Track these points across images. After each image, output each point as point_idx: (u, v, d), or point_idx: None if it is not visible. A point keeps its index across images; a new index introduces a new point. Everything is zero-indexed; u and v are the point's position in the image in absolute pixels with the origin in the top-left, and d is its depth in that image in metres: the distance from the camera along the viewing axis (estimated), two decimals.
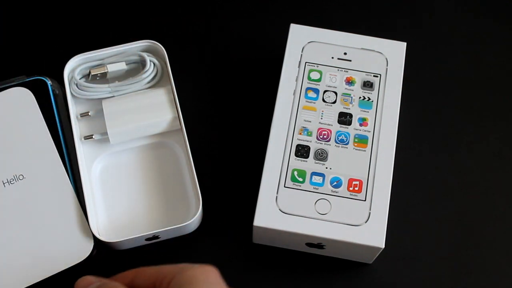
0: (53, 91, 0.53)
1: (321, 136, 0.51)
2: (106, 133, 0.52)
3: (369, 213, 0.49)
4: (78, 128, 0.53)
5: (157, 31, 0.59)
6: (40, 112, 0.52)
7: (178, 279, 0.37)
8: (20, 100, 0.53)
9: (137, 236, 0.49)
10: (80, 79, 0.54)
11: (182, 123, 0.53)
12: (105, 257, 0.51)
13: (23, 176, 0.51)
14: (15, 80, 0.53)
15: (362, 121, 0.51)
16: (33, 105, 0.52)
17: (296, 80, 0.53)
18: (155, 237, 0.50)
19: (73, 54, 0.54)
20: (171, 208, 0.52)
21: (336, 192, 0.49)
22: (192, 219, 0.49)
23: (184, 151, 0.52)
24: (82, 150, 0.52)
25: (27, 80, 0.53)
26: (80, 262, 0.51)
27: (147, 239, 0.50)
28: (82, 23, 0.60)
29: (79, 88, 0.53)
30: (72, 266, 0.51)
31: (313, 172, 0.50)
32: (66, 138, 0.52)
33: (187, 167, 0.52)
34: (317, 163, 0.50)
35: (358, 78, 0.53)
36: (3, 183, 0.50)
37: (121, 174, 0.52)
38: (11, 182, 0.50)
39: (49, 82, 0.53)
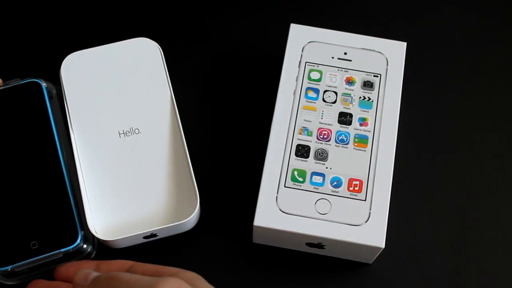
0: (48, 93, 0.53)
1: (321, 136, 0.51)
2: None
3: (369, 213, 0.49)
4: (74, 129, 0.53)
5: (154, 30, 0.59)
6: (164, 66, 0.54)
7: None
8: (145, 51, 0.55)
9: (134, 234, 0.49)
10: None
11: (179, 122, 0.53)
12: (104, 255, 0.51)
13: (138, 131, 0.53)
14: (9, 83, 0.53)
15: (362, 121, 0.51)
16: (158, 57, 0.55)
17: (296, 80, 0.53)
18: (153, 235, 0.50)
19: (67, 53, 0.54)
20: (169, 206, 0.52)
21: (336, 192, 0.49)
22: (190, 217, 0.49)
23: (182, 151, 0.52)
24: (78, 150, 0.52)
25: (22, 82, 0.53)
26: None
27: (145, 237, 0.50)
28: (74, 21, 0.60)
29: None
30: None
31: (313, 172, 0.50)
32: (62, 142, 0.52)
33: (186, 166, 0.52)
34: (317, 163, 0.50)
35: (358, 78, 0.53)
36: (119, 134, 0.52)
37: (118, 171, 0.52)
38: (127, 134, 0.52)
39: (43, 84, 0.53)
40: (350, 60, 0.53)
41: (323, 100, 0.52)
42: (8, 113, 0.52)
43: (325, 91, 0.53)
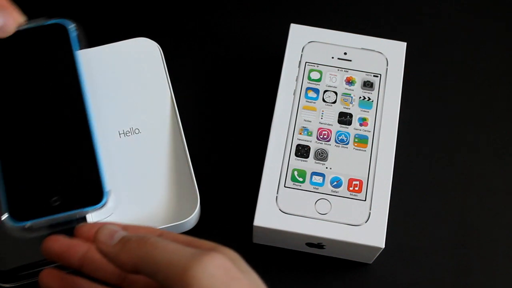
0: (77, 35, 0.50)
1: (321, 136, 0.51)
2: None
3: (369, 213, 0.49)
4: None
5: (154, 30, 0.59)
6: (164, 66, 0.54)
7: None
8: (145, 51, 0.54)
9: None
10: None
11: (179, 122, 0.53)
12: None
13: (139, 131, 0.53)
14: (33, 22, 0.49)
15: (362, 121, 0.51)
16: (158, 57, 0.54)
17: (296, 80, 0.53)
18: None
19: None
20: (169, 206, 0.52)
21: (336, 192, 0.49)
22: (190, 217, 0.49)
23: (182, 151, 0.52)
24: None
25: (47, 23, 0.49)
26: None
27: None
28: (74, 21, 0.60)
29: None
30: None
31: (313, 172, 0.50)
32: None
33: (186, 166, 0.52)
34: (317, 163, 0.50)
35: (358, 78, 0.53)
36: (119, 134, 0.53)
37: (118, 171, 0.52)
38: (127, 134, 0.52)
39: (70, 27, 0.49)
40: (350, 60, 0.53)
41: (323, 100, 0.52)
42: (30, 57, 0.48)
43: (325, 91, 0.53)
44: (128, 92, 0.54)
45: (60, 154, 0.46)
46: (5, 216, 0.44)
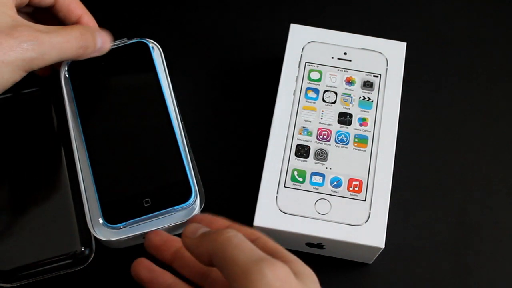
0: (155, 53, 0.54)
1: (321, 136, 0.51)
2: None
3: (369, 213, 0.49)
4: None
5: (154, 30, 0.59)
6: (164, 66, 0.54)
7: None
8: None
9: (135, 234, 0.49)
10: None
11: (180, 122, 0.53)
12: (104, 255, 0.51)
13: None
14: (115, 43, 0.53)
15: (362, 121, 0.52)
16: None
17: (296, 80, 0.53)
18: None
19: None
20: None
21: (336, 192, 0.49)
22: (190, 216, 0.49)
23: (183, 150, 0.52)
24: (78, 150, 0.52)
25: (129, 42, 0.53)
26: (80, 267, 0.51)
27: (145, 237, 0.50)
28: None
29: None
30: (70, 271, 0.51)
31: (313, 172, 0.50)
32: (170, 100, 0.52)
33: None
34: (317, 163, 0.50)
35: (358, 78, 0.53)
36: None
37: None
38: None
39: (150, 45, 0.54)
40: (350, 60, 0.53)
41: (323, 100, 0.52)
42: (118, 72, 0.53)
43: (325, 91, 0.53)
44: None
45: (149, 158, 0.50)
46: (100, 220, 0.48)
